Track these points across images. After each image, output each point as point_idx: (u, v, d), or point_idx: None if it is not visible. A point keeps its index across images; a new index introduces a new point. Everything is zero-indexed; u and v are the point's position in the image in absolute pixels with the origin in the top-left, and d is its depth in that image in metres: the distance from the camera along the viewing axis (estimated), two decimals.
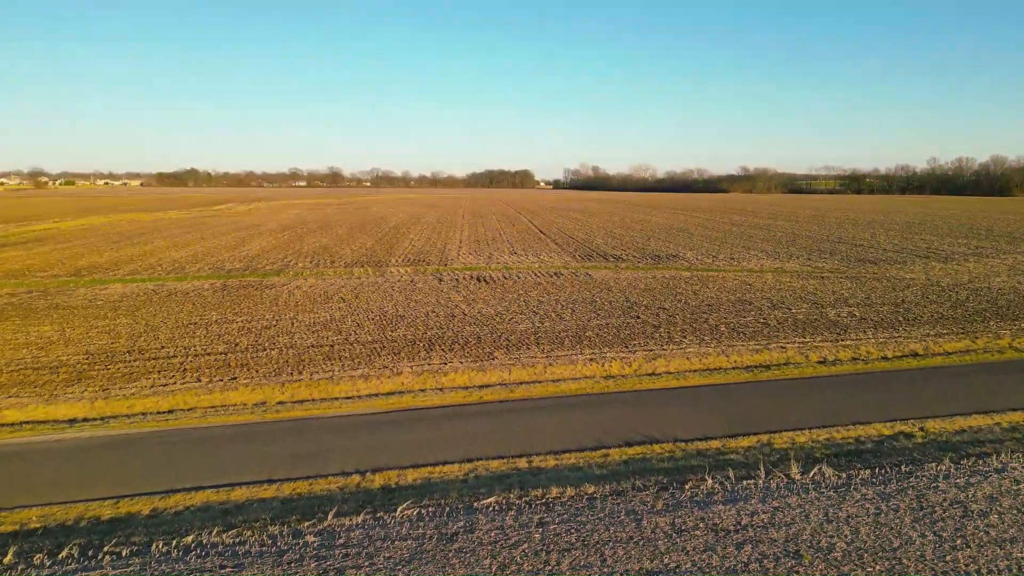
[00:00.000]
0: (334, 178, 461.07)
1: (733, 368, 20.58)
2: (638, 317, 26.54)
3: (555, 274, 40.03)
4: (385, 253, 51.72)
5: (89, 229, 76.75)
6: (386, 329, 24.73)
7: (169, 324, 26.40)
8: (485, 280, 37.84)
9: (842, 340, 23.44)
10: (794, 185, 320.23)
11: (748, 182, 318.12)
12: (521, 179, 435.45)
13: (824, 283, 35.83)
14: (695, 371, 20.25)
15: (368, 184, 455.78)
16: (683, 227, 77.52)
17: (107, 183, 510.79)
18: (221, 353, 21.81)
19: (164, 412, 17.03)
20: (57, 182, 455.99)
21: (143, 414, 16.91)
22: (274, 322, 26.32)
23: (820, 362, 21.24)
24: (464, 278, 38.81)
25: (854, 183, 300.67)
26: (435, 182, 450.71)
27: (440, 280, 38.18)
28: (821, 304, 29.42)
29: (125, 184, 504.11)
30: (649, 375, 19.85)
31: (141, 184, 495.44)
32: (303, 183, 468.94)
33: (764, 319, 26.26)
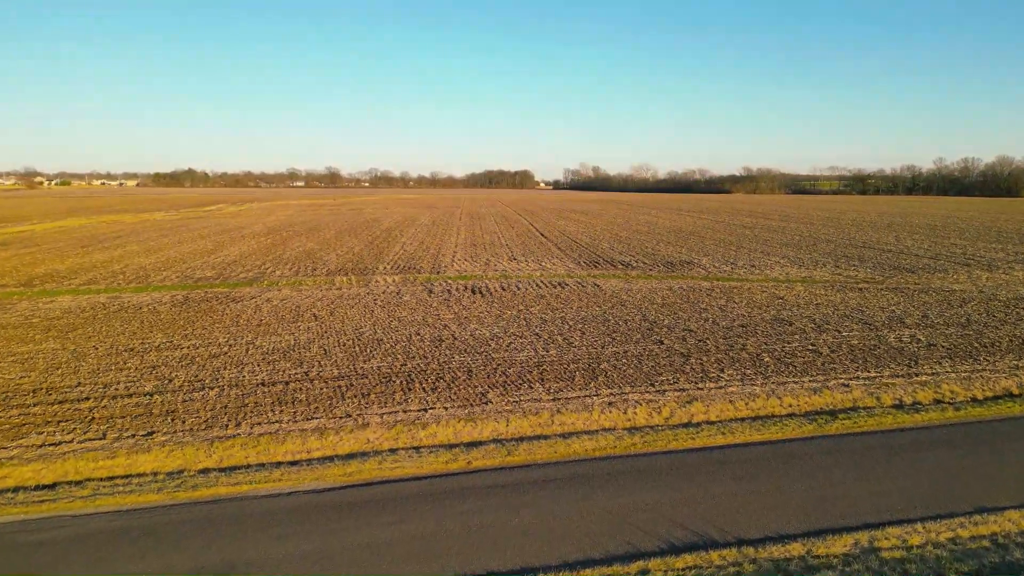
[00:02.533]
0: (332, 178, 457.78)
1: (789, 415, 16.27)
2: (661, 342, 22.20)
3: (559, 284, 35.73)
4: (373, 259, 47.42)
5: (64, 232, 72.46)
6: (358, 359, 20.38)
7: (101, 350, 22.06)
8: (481, 292, 33.52)
9: (915, 374, 19.11)
10: (797, 186, 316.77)
11: (751, 183, 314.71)
12: (521, 179, 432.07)
13: (866, 296, 31.51)
14: (742, 420, 15.93)
15: (367, 184, 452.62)
16: (692, 230, 73.22)
17: (104, 183, 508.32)
18: (147, 394, 17.46)
19: (44, 487, 12.70)
20: (53, 182, 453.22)
21: (13, 490, 12.59)
22: (226, 348, 21.98)
23: (896, 406, 16.93)
24: (457, 289, 34.51)
25: (858, 184, 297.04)
26: (434, 182, 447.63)
27: (430, 292, 33.88)
28: (874, 324, 25.09)
29: (122, 184, 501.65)
30: (685, 427, 15.53)
31: (137, 184, 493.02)
32: (301, 183, 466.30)
33: (813, 345, 21.92)
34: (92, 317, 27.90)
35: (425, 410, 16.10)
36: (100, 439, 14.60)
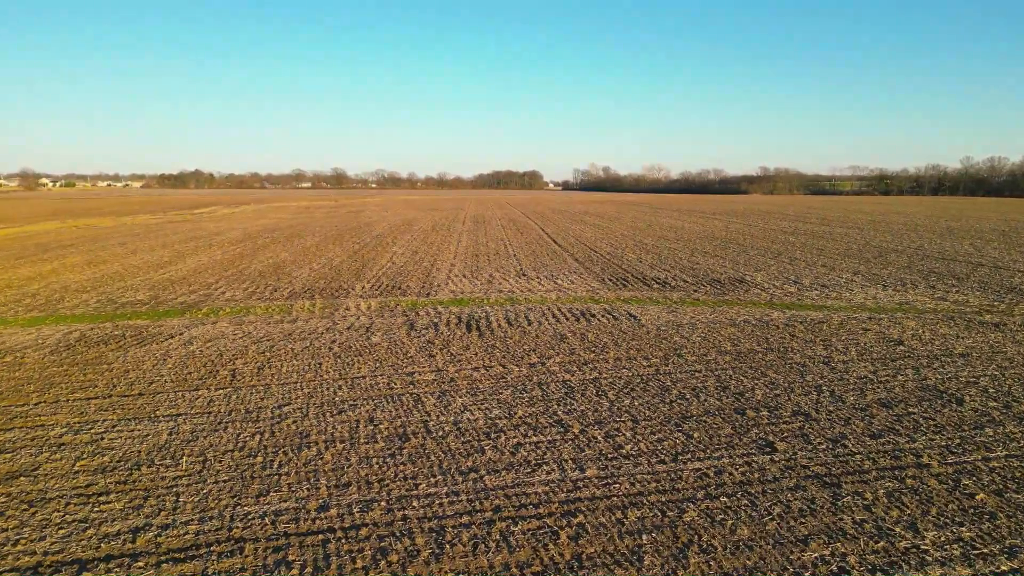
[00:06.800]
0: (338, 179, 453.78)
1: None
2: (771, 446, 13.29)
3: (583, 315, 26.86)
4: (352, 275, 38.76)
5: (17, 239, 64.39)
6: (249, 488, 11.61)
7: None
8: (479, 328, 24.72)
9: None
10: (817, 186, 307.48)
11: (768, 183, 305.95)
12: (529, 180, 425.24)
13: (1018, 340, 22.42)
14: None
15: (374, 185, 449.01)
16: (726, 236, 64.10)
17: (109, 184, 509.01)
18: None
19: None
20: (58, 184, 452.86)
21: None
22: (48, 451, 13.26)
23: None
24: (448, 322, 25.75)
25: (881, 184, 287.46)
26: (441, 183, 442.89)
27: (412, 327, 25.13)
28: None
29: (126, 186, 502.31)
30: None
31: (142, 186, 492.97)
32: (307, 184, 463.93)
33: None
34: None
35: None
36: None
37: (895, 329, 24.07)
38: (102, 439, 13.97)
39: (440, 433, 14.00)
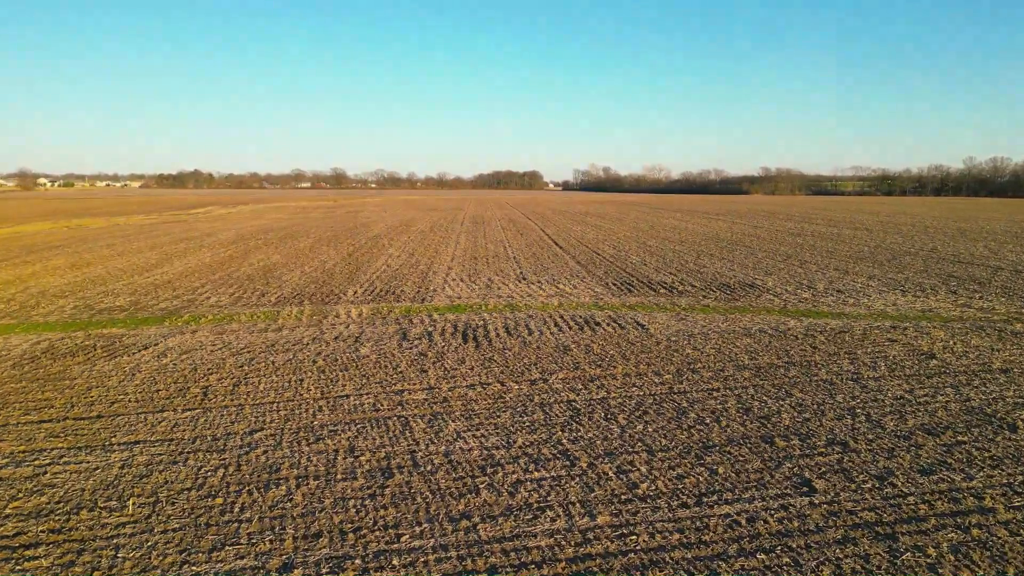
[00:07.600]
0: (338, 179, 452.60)
1: None
2: (808, 485, 11.61)
3: (587, 323, 25.17)
4: (344, 279, 37.08)
5: (3, 241, 62.66)
6: (201, 541, 9.89)
7: None
8: (476, 339, 23.03)
9: None
10: (819, 187, 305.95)
11: (770, 183, 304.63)
12: (529, 180, 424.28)
13: None
14: None
15: (373, 186, 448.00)
16: (732, 237, 62.40)
17: (108, 184, 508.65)
18: None
19: None
20: (56, 184, 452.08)
21: None
22: None
23: None
24: (443, 331, 24.05)
25: (884, 184, 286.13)
26: (441, 183, 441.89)
27: (404, 336, 23.45)
28: None
29: (125, 186, 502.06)
30: None
31: (141, 186, 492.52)
32: (307, 184, 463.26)
33: None
34: None
35: None
36: None
37: (923, 340, 22.37)
38: (44, 473, 12.28)
39: (429, 467, 12.31)
